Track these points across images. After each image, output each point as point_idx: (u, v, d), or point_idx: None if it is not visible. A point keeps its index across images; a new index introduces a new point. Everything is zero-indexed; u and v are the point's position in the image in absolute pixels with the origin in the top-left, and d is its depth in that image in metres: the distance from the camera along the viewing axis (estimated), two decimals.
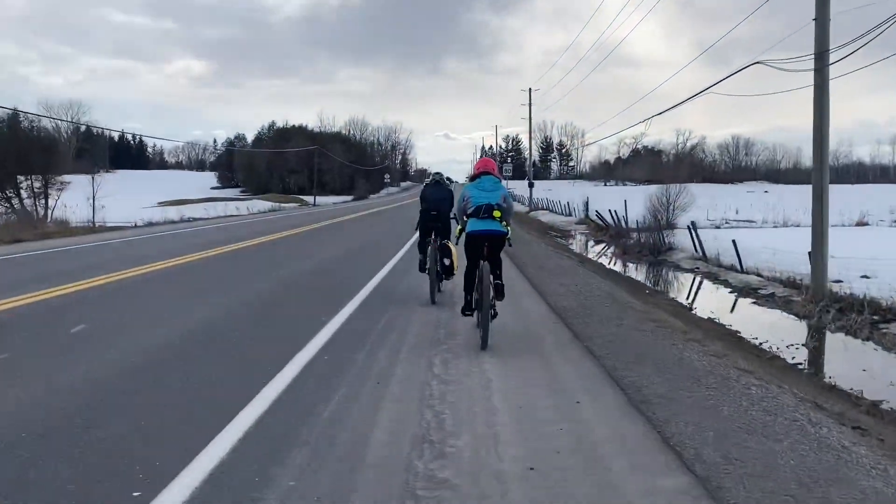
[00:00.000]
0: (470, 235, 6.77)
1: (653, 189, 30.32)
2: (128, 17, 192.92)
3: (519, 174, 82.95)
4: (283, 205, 53.42)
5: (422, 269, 9.33)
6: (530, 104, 52.96)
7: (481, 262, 6.65)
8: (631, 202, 27.52)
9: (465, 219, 6.87)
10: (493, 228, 6.67)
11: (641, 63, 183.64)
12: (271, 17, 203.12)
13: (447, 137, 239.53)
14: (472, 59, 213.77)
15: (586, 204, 35.76)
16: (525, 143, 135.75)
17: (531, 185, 52.29)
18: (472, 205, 6.76)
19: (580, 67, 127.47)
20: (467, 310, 7.04)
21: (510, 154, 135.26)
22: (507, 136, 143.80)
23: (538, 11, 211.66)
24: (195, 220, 33.23)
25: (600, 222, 28.52)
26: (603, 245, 25.15)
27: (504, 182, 7.79)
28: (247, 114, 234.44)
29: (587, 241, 26.67)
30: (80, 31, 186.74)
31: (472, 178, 7.07)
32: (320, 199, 71.72)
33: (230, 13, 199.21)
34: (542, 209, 49.85)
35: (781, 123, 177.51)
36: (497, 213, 6.64)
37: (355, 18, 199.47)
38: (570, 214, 40.63)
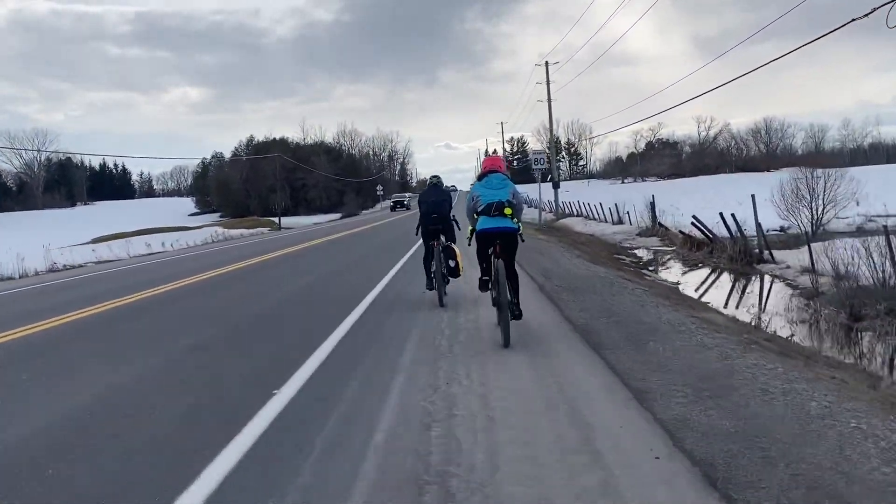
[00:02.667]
0: (481, 234, 6.50)
1: (768, 180, 19.32)
2: (122, 49, 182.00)
3: (525, 176, 67.19)
4: (230, 231, 40.39)
5: (429, 287, 8.97)
6: (548, 82, 41.85)
7: (495, 259, 6.36)
8: (687, 198, 16.44)
9: (475, 217, 6.54)
10: (503, 226, 6.38)
11: (642, 57, 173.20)
12: (264, 40, 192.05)
13: (448, 147, 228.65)
14: (469, 69, 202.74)
15: (652, 205, 24.58)
16: (531, 144, 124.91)
17: (556, 186, 40.93)
18: (482, 203, 6.47)
19: (581, 65, 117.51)
20: (485, 275, 6.71)
21: (516, 157, 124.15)
22: (513, 137, 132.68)
23: (531, 15, 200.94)
24: (80, 266, 22.34)
25: (705, 235, 17.27)
26: (730, 277, 14.01)
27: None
28: (245, 137, 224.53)
29: (683, 266, 15.50)
30: (76, 66, 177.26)
31: (480, 178, 6.73)
32: (298, 220, 60.78)
33: (222, 38, 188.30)
34: (573, 215, 38.58)
35: (793, 109, 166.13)
36: (508, 211, 6.34)
37: (349, 35, 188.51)
38: (620, 221, 29.44)
